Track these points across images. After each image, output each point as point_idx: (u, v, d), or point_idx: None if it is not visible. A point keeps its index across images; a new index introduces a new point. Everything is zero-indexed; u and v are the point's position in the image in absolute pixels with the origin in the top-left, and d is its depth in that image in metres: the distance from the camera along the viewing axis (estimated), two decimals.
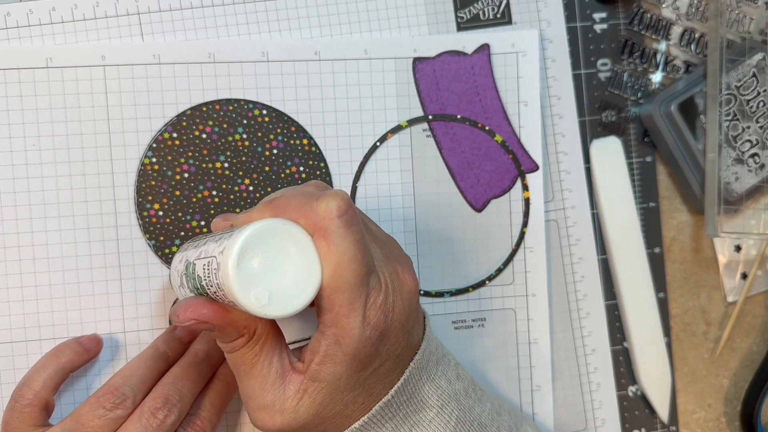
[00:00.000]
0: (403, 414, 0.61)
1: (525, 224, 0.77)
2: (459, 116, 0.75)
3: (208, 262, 0.54)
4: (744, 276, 0.84)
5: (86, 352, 0.67)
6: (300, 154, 0.73)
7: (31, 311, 0.70)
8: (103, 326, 0.71)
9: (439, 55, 0.75)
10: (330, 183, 0.74)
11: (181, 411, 0.62)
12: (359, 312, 0.55)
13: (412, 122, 0.75)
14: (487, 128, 0.76)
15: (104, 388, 0.62)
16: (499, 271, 0.77)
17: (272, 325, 0.58)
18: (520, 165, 0.77)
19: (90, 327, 0.70)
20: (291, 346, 0.60)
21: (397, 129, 0.75)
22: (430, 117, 0.75)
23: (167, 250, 0.71)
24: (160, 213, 0.71)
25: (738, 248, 0.83)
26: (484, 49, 0.76)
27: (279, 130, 0.73)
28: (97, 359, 0.70)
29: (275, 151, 0.72)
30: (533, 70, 0.77)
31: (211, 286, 0.54)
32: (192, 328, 0.57)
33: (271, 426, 0.57)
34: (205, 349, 0.67)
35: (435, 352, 0.64)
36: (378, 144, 0.74)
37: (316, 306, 0.57)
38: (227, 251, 0.52)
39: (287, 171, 0.73)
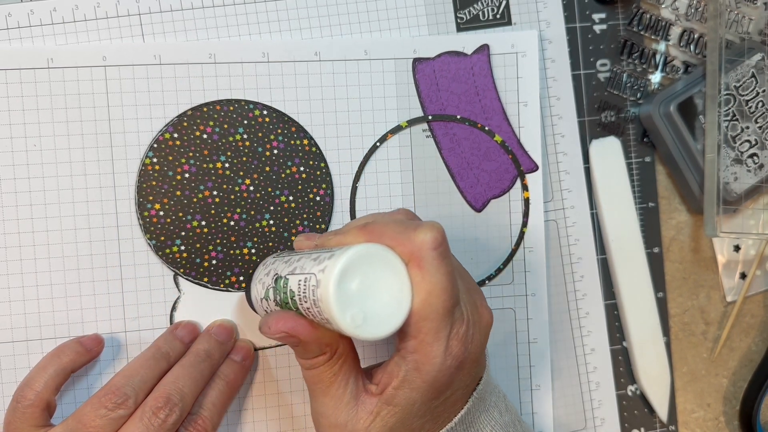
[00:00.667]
0: None
1: (525, 224, 0.77)
2: (459, 116, 0.76)
3: (306, 278, 0.55)
4: (743, 276, 0.84)
5: (88, 352, 0.68)
6: (300, 154, 0.73)
7: (32, 311, 0.70)
8: (103, 326, 0.71)
9: (439, 55, 0.75)
10: (330, 183, 0.74)
11: (182, 410, 0.62)
12: (443, 342, 0.56)
13: (412, 122, 0.75)
14: (486, 128, 0.76)
15: (106, 388, 0.62)
16: (499, 270, 0.77)
17: (352, 346, 0.60)
18: (520, 165, 0.77)
19: (91, 327, 0.70)
20: None
21: (397, 129, 0.75)
22: (430, 117, 0.75)
23: (168, 250, 0.71)
24: (161, 213, 0.71)
25: (737, 248, 0.83)
26: (484, 49, 0.76)
27: (279, 131, 0.73)
28: (98, 359, 0.70)
29: (276, 152, 0.72)
30: (533, 70, 0.77)
31: (305, 302, 0.55)
32: (279, 340, 0.58)
33: None
34: (207, 348, 0.68)
35: (490, 383, 0.65)
36: (378, 144, 0.75)
37: (399, 332, 0.57)
38: (329, 270, 0.53)
39: (287, 171, 0.73)
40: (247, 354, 0.71)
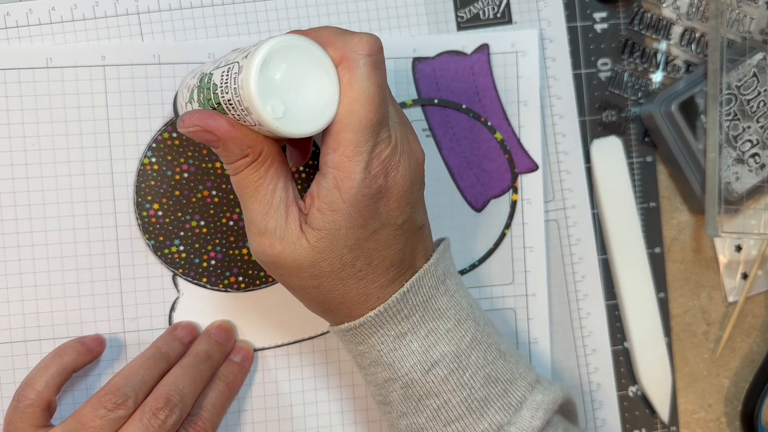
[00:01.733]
0: (420, 317, 0.61)
1: (507, 226, 0.77)
2: (464, 105, 0.75)
3: (229, 68, 0.54)
4: (744, 276, 0.83)
5: (89, 353, 0.67)
6: None
7: (30, 311, 0.70)
8: (102, 326, 0.71)
9: (439, 55, 0.75)
10: None
11: (182, 411, 0.62)
12: (364, 157, 0.55)
13: (416, 102, 0.75)
14: (489, 123, 0.76)
15: (105, 389, 0.62)
16: (473, 267, 0.77)
17: (278, 150, 0.58)
18: (515, 167, 0.77)
19: (90, 327, 0.71)
20: None
21: (401, 106, 0.74)
22: (436, 101, 0.75)
23: (166, 250, 0.71)
24: (160, 213, 0.71)
25: (738, 248, 0.83)
26: (484, 49, 0.76)
27: None
28: (98, 360, 0.70)
29: None
30: (533, 69, 0.77)
31: (226, 93, 0.54)
32: (196, 136, 0.56)
33: (270, 252, 0.57)
34: (206, 349, 0.68)
35: (454, 275, 0.64)
36: None
37: (322, 147, 0.56)
38: (252, 56, 0.52)
39: None
40: (247, 355, 0.71)
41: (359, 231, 0.57)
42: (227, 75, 0.54)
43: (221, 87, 0.55)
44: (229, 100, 0.54)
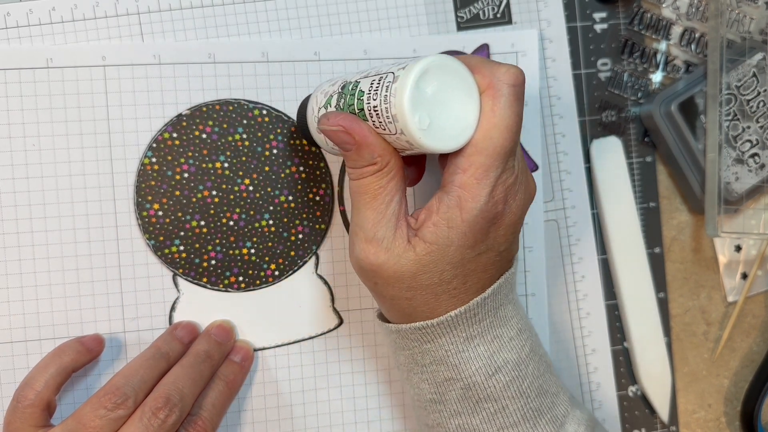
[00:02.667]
0: (489, 322, 0.61)
1: None
2: None
3: (381, 77, 0.56)
4: (744, 276, 0.84)
5: (88, 352, 0.67)
6: (300, 154, 0.73)
7: (30, 311, 0.70)
8: (102, 326, 0.71)
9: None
10: (330, 183, 0.74)
11: (182, 411, 0.62)
12: (491, 182, 0.56)
13: None
14: None
15: (105, 388, 0.62)
16: None
17: (402, 165, 0.59)
18: None
19: (90, 327, 0.71)
20: None
21: None
22: None
23: (167, 250, 0.71)
24: (160, 213, 0.71)
25: (738, 248, 0.83)
26: (483, 49, 0.76)
27: (279, 130, 0.73)
28: (97, 360, 0.70)
29: (275, 151, 0.73)
30: (533, 70, 0.77)
31: (374, 100, 0.56)
32: (333, 137, 0.58)
33: (374, 260, 0.59)
34: (206, 349, 0.68)
35: (515, 286, 0.65)
36: None
37: (447, 166, 0.58)
38: (410, 68, 0.53)
39: (287, 171, 0.73)
40: (247, 355, 0.72)
41: (467, 251, 0.58)
42: (378, 83, 0.56)
43: (368, 94, 0.56)
44: (375, 107, 0.56)
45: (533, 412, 0.63)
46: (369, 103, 0.56)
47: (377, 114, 0.56)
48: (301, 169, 0.73)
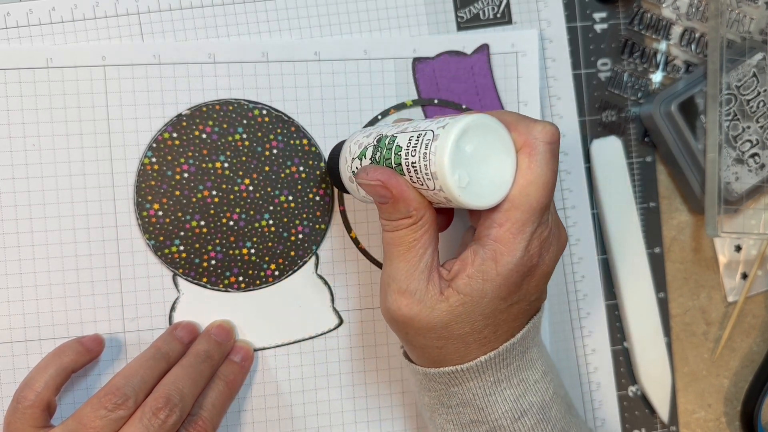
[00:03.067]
0: (516, 366, 0.62)
1: None
2: (464, 106, 0.75)
3: (420, 134, 0.56)
4: (744, 276, 0.83)
5: (88, 352, 0.67)
6: (300, 154, 0.73)
7: (30, 311, 0.70)
8: (103, 326, 0.71)
9: (439, 55, 0.75)
10: (330, 183, 0.74)
11: (182, 411, 0.62)
12: (527, 237, 0.57)
13: (417, 102, 0.75)
14: None
15: (106, 389, 0.62)
16: None
17: (435, 218, 0.60)
18: None
19: (90, 327, 0.71)
20: None
21: (401, 107, 0.75)
22: (436, 101, 0.75)
23: (167, 250, 0.71)
24: (160, 213, 0.71)
25: (738, 248, 0.83)
26: (484, 49, 0.76)
27: (279, 130, 0.73)
28: (97, 360, 0.70)
29: (275, 151, 0.72)
30: (533, 70, 0.77)
31: (412, 156, 0.56)
32: (371, 191, 0.59)
33: (407, 311, 0.59)
34: (206, 349, 0.68)
35: (540, 328, 0.66)
36: (379, 117, 0.75)
37: (483, 220, 0.59)
38: (450, 127, 0.54)
39: (287, 171, 0.73)
40: (247, 355, 0.71)
41: (500, 302, 0.58)
42: (416, 141, 0.56)
43: (407, 150, 0.57)
44: (413, 163, 0.56)
45: None
46: (407, 159, 0.57)
47: (416, 170, 0.56)
48: (301, 169, 0.73)
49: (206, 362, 0.67)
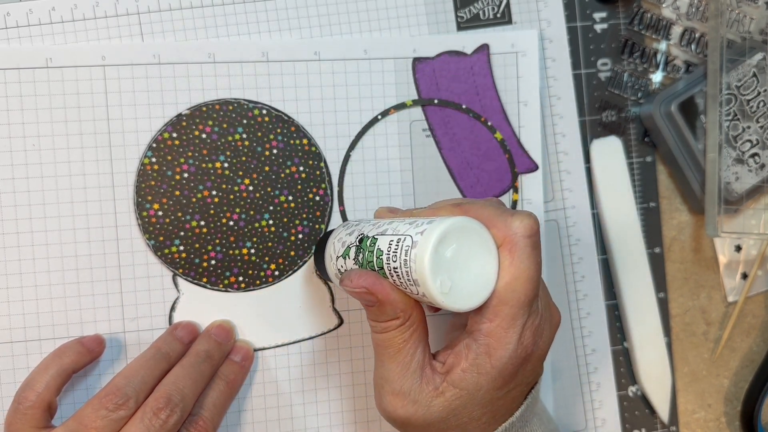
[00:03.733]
0: None
1: None
2: (464, 106, 0.75)
3: (399, 239, 0.56)
4: (744, 276, 0.83)
5: (89, 353, 0.67)
6: (300, 153, 0.73)
7: (30, 311, 0.69)
8: (103, 326, 0.71)
9: (439, 55, 0.75)
10: (330, 183, 0.74)
11: (183, 411, 0.62)
12: (518, 330, 0.56)
13: (417, 102, 0.75)
14: (489, 123, 0.75)
15: (106, 389, 0.61)
16: None
17: (424, 317, 0.60)
18: (515, 166, 0.76)
19: (90, 327, 0.70)
20: None
21: (401, 106, 0.75)
22: (436, 101, 0.75)
23: (167, 250, 0.71)
24: (160, 213, 0.70)
25: (738, 248, 0.83)
26: (484, 49, 0.75)
27: (279, 130, 0.72)
28: (98, 360, 0.70)
29: (275, 151, 0.72)
30: (533, 70, 0.76)
31: (393, 261, 0.56)
32: (357, 296, 0.59)
33: (402, 413, 0.59)
34: (206, 349, 0.68)
35: (538, 398, 0.66)
36: (379, 117, 0.75)
37: (474, 315, 0.58)
38: (428, 233, 0.54)
39: (287, 171, 0.72)
40: (247, 354, 0.71)
41: (496, 392, 0.58)
42: (397, 246, 0.56)
43: (387, 255, 0.57)
44: (395, 269, 0.56)
45: None
46: (389, 264, 0.56)
47: (398, 275, 0.56)
48: (301, 169, 0.73)
49: (207, 362, 0.67)
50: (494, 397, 0.58)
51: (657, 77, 0.81)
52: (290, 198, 0.73)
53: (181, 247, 0.71)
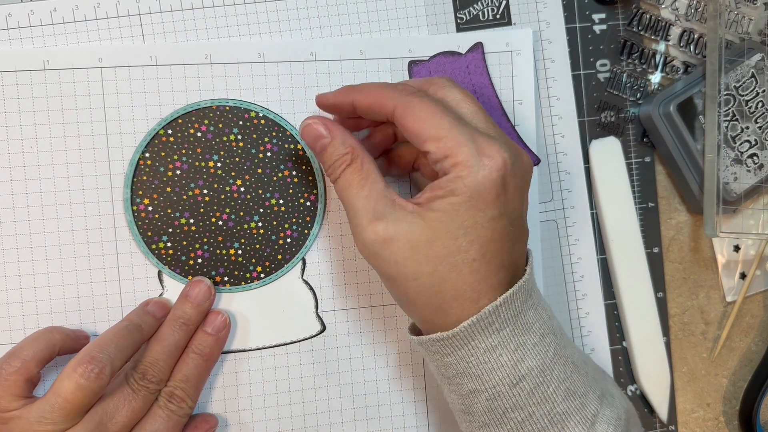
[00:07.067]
0: (510, 331, 0.59)
1: None
2: None
3: None
4: (743, 276, 0.82)
5: (75, 340, 0.67)
6: (293, 158, 0.71)
7: (30, 312, 0.68)
8: (102, 327, 0.69)
9: (434, 56, 0.73)
10: (324, 187, 0.72)
11: (157, 384, 0.64)
12: (469, 145, 0.57)
13: None
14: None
15: (80, 357, 0.60)
16: None
17: (372, 159, 0.62)
18: None
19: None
20: None
21: None
22: None
23: (154, 246, 0.69)
24: (150, 208, 0.69)
25: (737, 248, 0.82)
26: (478, 47, 0.74)
27: (274, 133, 0.71)
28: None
29: (269, 154, 0.71)
30: (528, 68, 0.75)
31: None
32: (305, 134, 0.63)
33: (384, 234, 0.58)
34: (182, 314, 0.68)
35: (536, 287, 0.64)
36: None
37: (436, 172, 0.60)
38: None
39: (280, 174, 0.71)
40: (223, 324, 0.69)
41: (477, 213, 0.57)
42: None
43: None
44: None
45: (560, 416, 0.60)
46: None
47: None
48: (294, 173, 0.71)
49: (182, 329, 0.67)
50: (476, 220, 0.57)
51: (656, 78, 0.80)
52: (281, 201, 0.71)
53: (169, 244, 0.69)
